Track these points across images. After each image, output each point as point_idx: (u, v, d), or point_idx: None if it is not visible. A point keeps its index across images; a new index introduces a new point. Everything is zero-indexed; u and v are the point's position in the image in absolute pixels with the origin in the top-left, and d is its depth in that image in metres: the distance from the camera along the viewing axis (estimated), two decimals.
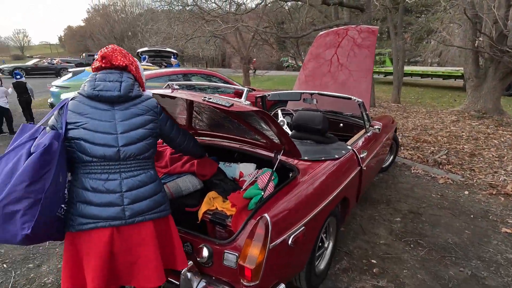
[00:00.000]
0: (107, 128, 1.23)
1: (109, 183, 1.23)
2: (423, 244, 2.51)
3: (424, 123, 6.58)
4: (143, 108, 1.32)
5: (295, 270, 1.69)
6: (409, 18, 17.15)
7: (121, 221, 1.22)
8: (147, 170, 1.33)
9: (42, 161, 1.07)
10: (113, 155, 1.23)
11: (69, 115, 1.22)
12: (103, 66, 1.31)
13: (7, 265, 2.20)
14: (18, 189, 1.03)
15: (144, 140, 1.30)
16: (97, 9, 41.12)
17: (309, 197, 1.69)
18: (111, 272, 1.26)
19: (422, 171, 4.03)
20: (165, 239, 1.37)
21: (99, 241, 1.21)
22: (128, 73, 1.34)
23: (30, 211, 1.05)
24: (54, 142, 1.12)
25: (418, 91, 12.73)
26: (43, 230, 1.12)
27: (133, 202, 1.25)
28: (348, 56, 3.94)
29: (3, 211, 1.03)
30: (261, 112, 1.40)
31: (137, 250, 1.27)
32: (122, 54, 1.35)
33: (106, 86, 1.26)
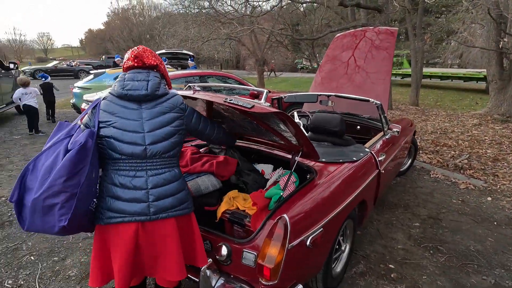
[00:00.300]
0: (135, 127, 1.27)
1: (136, 180, 1.27)
2: (443, 250, 2.45)
3: (444, 127, 6.40)
4: (169, 106, 1.35)
5: (313, 272, 1.69)
6: (428, 18, 16.73)
7: (146, 217, 1.27)
8: (172, 168, 1.36)
9: (78, 158, 1.14)
10: (140, 153, 1.27)
11: (101, 114, 1.28)
12: (136, 65, 1.35)
13: (34, 258, 2.31)
14: (56, 183, 1.09)
15: (170, 138, 1.32)
16: (116, 13, 42.39)
17: (327, 199, 1.69)
18: (136, 264, 1.31)
19: (441, 176, 3.92)
20: (187, 236, 1.40)
21: (125, 235, 1.26)
22: (156, 72, 1.38)
23: (67, 204, 1.11)
24: (88, 140, 1.19)
25: (438, 94, 12.37)
26: (78, 222, 1.18)
27: (157, 199, 1.29)
28: (366, 58, 3.89)
29: (43, 203, 1.10)
30: (281, 114, 1.42)
31: (160, 245, 1.32)
32: (152, 54, 1.40)
33: (134, 86, 1.30)
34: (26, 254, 2.34)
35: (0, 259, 2.28)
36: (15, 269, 2.17)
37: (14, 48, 55.83)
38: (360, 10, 8.56)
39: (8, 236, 2.58)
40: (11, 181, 3.69)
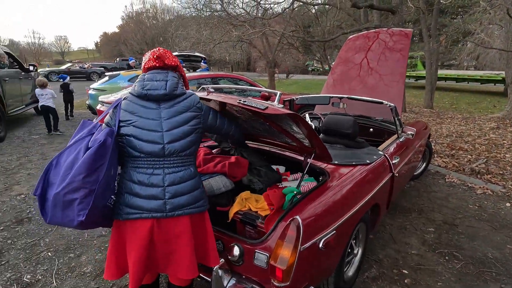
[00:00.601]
0: (154, 126, 1.31)
1: (153, 177, 1.31)
2: (459, 257, 2.38)
3: (459, 130, 6.24)
4: (186, 105, 1.38)
5: (325, 274, 1.68)
6: (443, 19, 16.38)
7: (162, 214, 1.30)
8: (188, 167, 1.39)
9: (97, 156, 1.18)
10: (159, 152, 1.31)
11: (122, 113, 1.32)
12: (157, 66, 1.40)
13: (52, 254, 2.37)
14: (76, 180, 1.14)
15: (187, 137, 1.36)
16: (131, 16, 43.34)
17: (340, 201, 1.68)
18: (150, 259, 1.34)
19: (457, 180, 3.82)
20: (200, 235, 1.42)
21: (142, 230, 1.29)
22: (174, 73, 1.42)
23: (85, 200, 1.15)
24: (108, 138, 1.23)
25: (453, 96, 12.08)
26: (95, 217, 1.22)
27: (173, 196, 1.31)
28: (379, 60, 3.85)
29: (64, 198, 1.14)
30: (294, 115, 1.42)
31: (173, 242, 1.34)
32: (172, 55, 1.46)
33: (153, 85, 1.34)
34: (44, 250, 2.41)
35: (20, 254, 2.35)
36: (34, 264, 2.24)
37: (33, 51, 57.78)
38: (373, 12, 8.47)
39: (27, 232, 2.67)
40: (30, 179, 3.82)
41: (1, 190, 3.51)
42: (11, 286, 2.02)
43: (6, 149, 5.14)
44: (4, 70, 6.22)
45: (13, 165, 4.34)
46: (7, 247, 2.45)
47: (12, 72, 6.62)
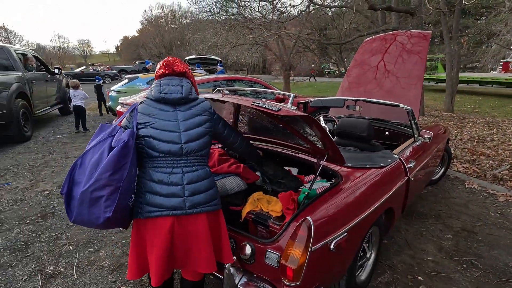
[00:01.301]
0: (172, 127, 1.38)
1: (173, 176, 1.37)
2: (478, 265, 2.31)
3: (481, 134, 6.01)
4: (200, 109, 1.47)
5: (336, 277, 1.68)
6: (466, 21, 15.85)
7: (182, 211, 1.35)
8: (204, 166, 1.46)
9: (122, 154, 1.25)
10: (177, 151, 1.37)
11: (139, 116, 1.39)
12: (166, 73, 1.48)
13: (73, 247, 2.49)
14: (103, 177, 1.20)
15: (202, 138, 1.43)
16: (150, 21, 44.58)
17: (352, 204, 1.67)
18: (171, 255, 1.39)
19: (478, 187, 3.69)
20: (216, 232, 1.46)
21: (163, 228, 1.35)
22: (187, 79, 1.51)
23: (111, 197, 1.22)
24: (130, 139, 1.30)
25: (475, 100, 11.63)
26: (120, 214, 1.28)
27: (192, 194, 1.37)
28: (396, 62, 3.79)
29: (91, 196, 1.20)
30: (307, 117, 1.44)
31: (192, 239, 1.39)
32: (181, 62, 1.54)
33: (170, 90, 1.43)
34: (66, 244, 2.53)
35: (44, 247, 2.48)
36: (56, 257, 2.36)
37: (58, 54, 60.45)
38: (391, 14, 8.33)
39: (50, 226, 2.81)
40: (54, 177, 4.01)
41: (27, 186, 3.71)
42: (36, 277, 2.14)
43: (32, 147, 5.42)
44: (32, 73, 6.56)
45: (38, 163, 4.57)
46: (32, 240, 2.59)
47: (39, 75, 6.97)
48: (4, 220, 2.91)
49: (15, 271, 2.19)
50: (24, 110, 5.73)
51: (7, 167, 4.35)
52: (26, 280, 2.10)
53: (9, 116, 5.25)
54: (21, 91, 5.73)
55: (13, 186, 3.71)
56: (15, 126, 5.41)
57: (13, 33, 51.36)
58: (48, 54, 54.68)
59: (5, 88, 5.27)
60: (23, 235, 2.65)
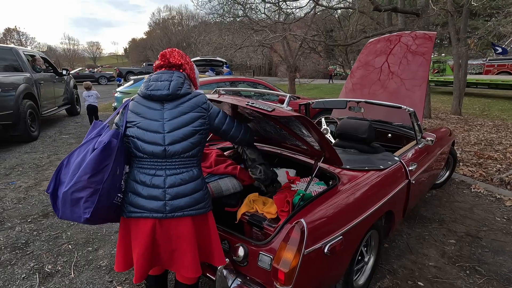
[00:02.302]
0: (156, 127, 1.33)
1: (155, 178, 1.33)
2: (482, 271, 2.24)
3: (489, 138, 5.88)
4: (190, 106, 1.37)
5: (331, 281, 1.64)
6: (475, 22, 15.59)
7: (162, 214, 1.31)
8: (190, 168, 1.38)
9: (101, 157, 1.22)
10: (160, 153, 1.32)
11: (129, 114, 1.37)
12: (161, 64, 1.43)
13: (72, 246, 2.50)
14: (82, 179, 1.19)
15: (189, 139, 1.35)
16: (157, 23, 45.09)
17: (349, 206, 1.64)
18: (154, 255, 1.38)
19: (484, 191, 3.60)
20: (204, 235, 1.43)
21: (144, 229, 1.33)
22: (180, 72, 1.43)
23: (90, 199, 1.20)
24: (112, 140, 1.27)
25: (484, 102, 11.41)
26: (101, 215, 1.27)
27: (173, 198, 1.32)
28: (400, 63, 3.74)
29: (71, 197, 1.20)
30: (302, 118, 1.42)
31: (175, 241, 1.36)
32: (180, 54, 1.46)
33: (157, 86, 1.36)
34: (65, 243, 2.55)
35: (43, 246, 2.50)
36: (55, 256, 2.37)
37: (68, 56, 61.56)
38: (398, 15, 8.24)
39: (51, 225, 2.83)
40: None
41: (31, 185, 3.76)
42: (34, 275, 2.15)
43: (39, 147, 5.51)
44: (40, 74, 6.68)
45: (43, 162, 4.63)
46: (32, 238, 2.61)
47: (47, 76, 7.09)
48: (6, 218, 2.95)
49: (14, 269, 2.21)
50: (31, 110, 5.83)
51: (13, 166, 4.42)
52: (24, 279, 2.12)
53: (16, 116, 5.34)
54: (29, 91, 5.83)
55: (18, 185, 3.76)
56: (22, 126, 5.50)
57: (25, 35, 52.56)
58: (59, 56, 55.73)
59: (13, 88, 5.37)
60: (24, 234, 2.68)
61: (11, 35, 50.77)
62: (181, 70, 1.45)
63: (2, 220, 2.90)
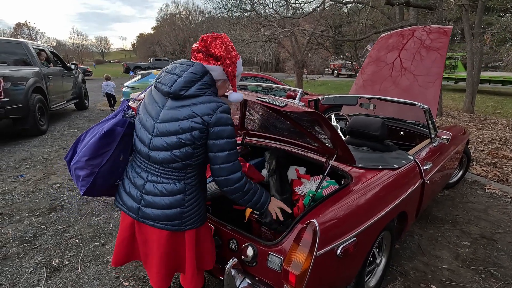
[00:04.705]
0: (149, 126, 1.21)
1: (138, 178, 1.25)
2: (498, 275, 2.16)
3: (504, 136, 5.71)
4: (188, 113, 1.14)
5: (343, 283, 1.59)
6: (489, 17, 15.15)
7: (136, 216, 1.26)
8: (173, 181, 1.21)
9: (101, 143, 1.22)
10: (145, 155, 1.23)
11: (142, 102, 1.30)
12: (199, 49, 1.20)
13: (79, 241, 2.50)
14: (81, 160, 1.22)
15: (174, 150, 1.16)
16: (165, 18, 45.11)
17: (362, 207, 1.58)
18: (133, 247, 1.39)
19: (499, 191, 3.49)
20: (178, 251, 1.32)
21: (125, 222, 1.34)
22: (202, 66, 1.18)
23: (86, 179, 1.24)
24: (116, 128, 1.24)
25: (498, 100, 11.12)
26: (95, 193, 1.31)
27: (146, 206, 1.23)
28: (413, 59, 3.62)
29: (74, 172, 1.27)
30: (315, 114, 1.35)
31: (149, 246, 1.32)
32: (224, 45, 1.19)
33: (164, 79, 1.20)
34: (72, 237, 2.55)
35: (51, 240, 2.51)
36: (62, 250, 2.37)
37: (77, 51, 62.17)
38: (410, 9, 8.03)
39: (59, 219, 2.84)
40: (66, 170, 4.07)
41: (40, 178, 3.78)
42: (41, 269, 2.15)
43: (47, 141, 5.55)
44: (48, 68, 6.71)
45: (52, 156, 4.66)
46: (40, 232, 2.62)
47: (56, 70, 7.13)
48: (15, 211, 2.96)
49: (22, 263, 2.21)
50: (40, 104, 5.87)
51: (22, 160, 4.46)
52: (31, 272, 2.12)
53: (26, 110, 5.38)
54: (38, 85, 5.86)
55: (26, 178, 3.79)
56: (31, 119, 5.54)
57: (35, 30, 53.22)
58: (67, 51, 56.32)
59: (22, 82, 5.40)
60: (32, 227, 2.69)
61: (21, 30, 51.46)
62: (218, 63, 1.19)
63: (11, 213, 2.92)
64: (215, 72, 1.21)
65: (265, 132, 2.27)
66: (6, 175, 3.85)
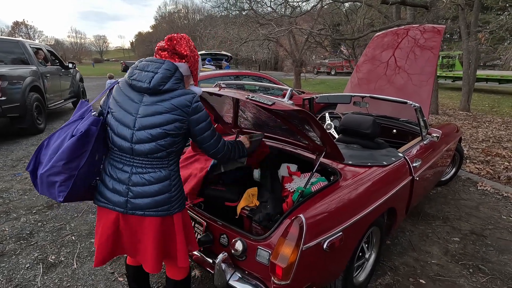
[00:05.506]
0: (128, 121, 1.25)
1: (122, 173, 1.28)
2: (486, 270, 2.20)
3: (498, 135, 5.77)
4: (169, 106, 1.24)
5: (330, 277, 1.63)
6: (487, 16, 15.19)
7: (123, 210, 1.29)
8: (158, 169, 1.29)
9: (78, 145, 1.20)
10: (127, 149, 1.27)
11: (111, 100, 1.30)
12: (165, 47, 1.30)
13: (75, 238, 2.54)
14: (57, 165, 1.18)
15: (158, 141, 1.25)
16: (163, 17, 44.99)
17: (350, 202, 1.62)
18: (118, 244, 1.37)
19: (491, 189, 3.54)
20: (168, 235, 1.37)
21: (107, 219, 1.33)
22: (172, 64, 1.28)
23: (65, 183, 1.20)
24: (91, 128, 1.23)
25: (494, 99, 11.18)
26: (75, 197, 1.28)
27: (135, 197, 1.27)
28: (408, 58, 3.66)
29: (47, 179, 1.21)
30: (302, 112, 1.39)
31: (138, 236, 1.34)
32: (188, 44, 1.33)
33: (139, 76, 1.25)
34: (69, 234, 2.58)
35: (47, 236, 2.54)
36: (58, 247, 2.41)
37: (75, 50, 61.97)
38: (407, 8, 8.06)
39: (55, 216, 2.87)
40: None
41: None
42: (37, 265, 2.18)
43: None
44: (46, 67, 6.72)
45: None
46: (37, 229, 2.65)
47: (53, 69, 7.13)
48: (12, 209, 3.00)
49: (19, 259, 2.25)
50: (37, 103, 5.88)
51: (19, 158, 4.49)
52: (28, 268, 2.15)
53: (23, 109, 5.40)
54: (35, 84, 5.87)
55: (23, 176, 3.81)
56: (28, 118, 5.56)
57: (33, 28, 53.03)
58: (66, 50, 56.14)
59: (20, 81, 5.41)
60: (29, 224, 2.72)
61: (19, 29, 51.28)
62: (183, 61, 1.32)
63: (8, 211, 2.95)
64: (182, 69, 1.33)
65: (257, 130, 2.30)
66: (4, 174, 3.87)
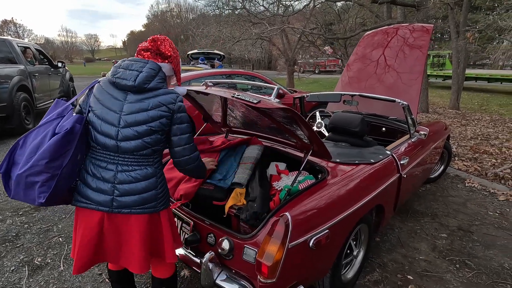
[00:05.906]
0: (112, 119, 1.24)
1: (106, 172, 1.26)
2: (472, 265, 2.24)
3: (486, 132, 5.87)
4: (154, 103, 1.25)
5: (317, 274, 1.64)
6: (476, 15, 15.42)
7: (108, 209, 1.26)
8: (144, 167, 1.29)
9: (63, 143, 1.16)
10: (112, 147, 1.25)
11: (91, 98, 1.28)
12: (149, 48, 1.32)
13: (62, 239, 2.50)
14: (39, 164, 1.13)
15: (144, 138, 1.25)
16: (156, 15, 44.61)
17: (337, 200, 1.63)
18: (99, 248, 1.31)
19: (478, 185, 3.60)
20: (155, 233, 1.36)
21: (90, 220, 1.27)
22: (156, 64, 1.30)
23: (47, 184, 1.15)
24: (76, 125, 1.20)
25: (483, 97, 11.37)
26: (57, 198, 1.22)
27: (122, 195, 1.26)
28: (397, 57, 3.69)
29: (26, 180, 1.15)
30: (288, 110, 1.39)
31: (123, 236, 1.30)
32: (171, 45, 1.37)
33: (124, 74, 1.25)
34: (56, 236, 2.54)
35: (34, 238, 2.50)
36: (45, 249, 2.37)
37: (66, 49, 61.02)
38: (397, 8, 8.14)
39: (42, 218, 2.82)
40: None
41: None
42: (23, 268, 2.15)
43: None
44: (34, 66, 6.59)
45: None
46: (23, 231, 2.60)
47: (42, 68, 7.01)
48: None
49: (3, 262, 2.20)
50: (25, 103, 5.77)
51: None
52: (13, 271, 2.11)
53: (10, 109, 5.29)
54: (23, 84, 5.76)
55: None
56: (16, 118, 5.45)
57: (22, 27, 52.06)
58: (56, 49, 55.25)
59: (7, 81, 5.30)
60: (15, 226, 2.67)
61: (8, 27, 50.29)
62: (166, 61, 1.35)
63: None
64: (164, 69, 1.35)
65: (247, 129, 2.30)
66: None
